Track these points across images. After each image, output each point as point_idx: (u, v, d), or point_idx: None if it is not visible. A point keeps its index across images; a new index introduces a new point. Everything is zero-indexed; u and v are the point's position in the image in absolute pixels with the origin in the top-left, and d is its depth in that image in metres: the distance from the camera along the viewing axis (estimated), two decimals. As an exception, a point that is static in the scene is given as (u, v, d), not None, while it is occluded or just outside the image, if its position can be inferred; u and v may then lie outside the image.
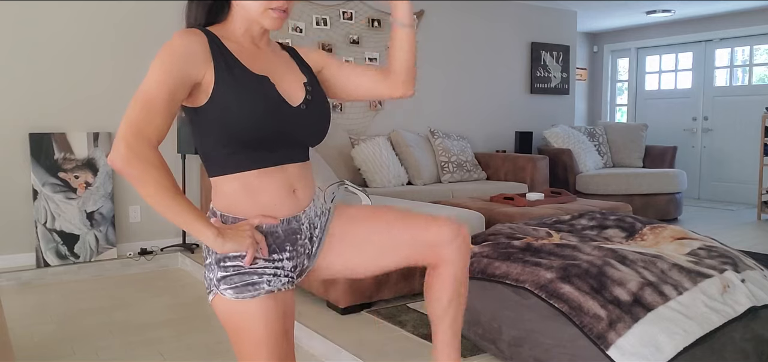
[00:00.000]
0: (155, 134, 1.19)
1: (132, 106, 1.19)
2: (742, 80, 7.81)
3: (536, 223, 3.37)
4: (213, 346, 2.99)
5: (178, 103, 1.24)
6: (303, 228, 1.41)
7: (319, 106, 1.41)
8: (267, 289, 1.32)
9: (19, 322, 3.35)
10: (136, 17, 4.72)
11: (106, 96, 4.63)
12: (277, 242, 1.36)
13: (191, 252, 4.70)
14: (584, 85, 9.26)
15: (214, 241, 1.25)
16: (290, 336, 1.39)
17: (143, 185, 1.17)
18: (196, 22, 1.38)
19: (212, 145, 1.32)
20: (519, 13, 7.11)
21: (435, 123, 6.43)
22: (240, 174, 1.32)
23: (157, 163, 1.17)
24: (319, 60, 1.53)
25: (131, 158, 1.15)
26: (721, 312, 2.25)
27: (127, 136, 1.15)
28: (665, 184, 6.30)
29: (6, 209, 4.33)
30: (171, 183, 1.19)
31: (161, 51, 1.24)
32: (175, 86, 1.22)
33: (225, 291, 1.31)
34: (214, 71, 1.27)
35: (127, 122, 1.17)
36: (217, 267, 1.32)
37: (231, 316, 1.33)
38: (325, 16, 5.67)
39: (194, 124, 1.33)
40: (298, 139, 1.38)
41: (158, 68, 1.21)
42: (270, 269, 1.34)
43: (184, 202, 1.21)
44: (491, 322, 2.55)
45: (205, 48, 1.27)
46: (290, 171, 1.37)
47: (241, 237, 1.27)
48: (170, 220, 1.21)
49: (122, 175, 1.16)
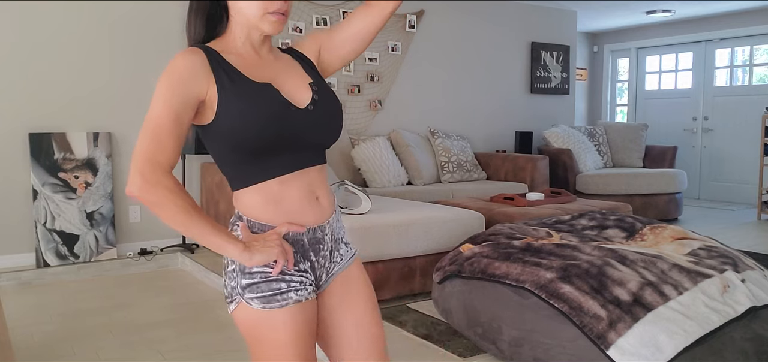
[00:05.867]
0: (167, 159, 1.21)
1: (142, 136, 1.21)
2: (742, 80, 7.81)
3: (536, 223, 3.36)
4: (213, 346, 2.99)
5: (186, 124, 1.24)
6: (326, 239, 1.39)
7: (328, 105, 1.39)
8: (295, 299, 1.30)
9: (19, 322, 3.35)
10: (135, 17, 4.72)
11: (105, 96, 4.63)
12: (301, 250, 1.35)
13: (191, 252, 4.70)
14: (584, 85, 9.26)
15: (241, 255, 1.24)
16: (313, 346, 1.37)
17: (162, 210, 1.19)
18: (197, 36, 1.37)
19: (227, 159, 1.32)
20: (519, 13, 7.11)
21: (435, 123, 6.43)
22: (261, 184, 1.31)
23: (173, 187, 1.19)
24: (313, 46, 1.50)
25: (147, 187, 1.17)
26: (721, 312, 2.25)
27: (141, 166, 1.18)
28: (665, 184, 6.30)
29: (6, 209, 4.33)
30: (190, 204, 1.20)
31: (163, 75, 1.24)
32: (180, 108, 1.22)
33: (251, 300, 1.29)
34: (216, 86, 1.27)
35: (139, 152, 1.19)
36: (241, 275, 1.30)
37: (255, 326, 1.30)
38: (325, 16, 5.67)
39: (208, 143, 1.34)
40: (311, 140, 1.36)
41: (162, 93, 1.22)
42: (297, 278, 1.32)
43: (205, 220, 1.22)
44: (491, 322, 2.55)
45: (204, 65, 1.27)
46: (310, 175, 1.36)
47: (269, 248, 1.26)
48: (194, 240, 1.22)
49: (142, 202, 1.19)
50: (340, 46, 1.50)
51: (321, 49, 1.50)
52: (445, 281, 2.88)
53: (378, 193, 5.06)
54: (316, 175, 1.38)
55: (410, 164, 5.70)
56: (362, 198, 3.71)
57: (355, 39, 1.49)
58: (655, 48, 8.67)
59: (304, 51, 1.50)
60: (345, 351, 1.45)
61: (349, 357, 1.44)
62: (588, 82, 9.31)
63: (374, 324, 1.47)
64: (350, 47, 1.50)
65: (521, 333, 2.42)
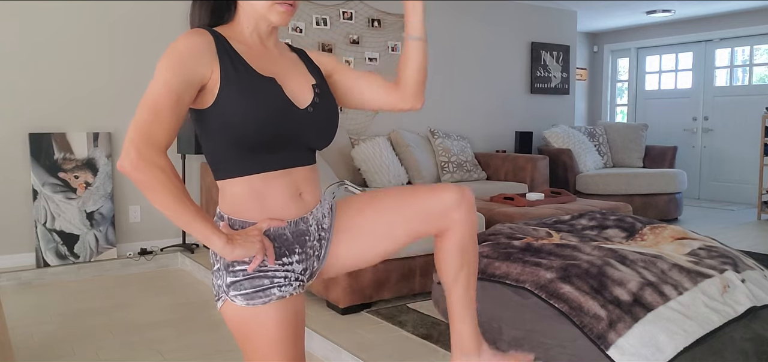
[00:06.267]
0: (164, 138, 1.18)
1: (139, 111, 1.18)
2: (742, 80, 7.81)
3: (536, 223, 3.36)
4: (213, 346, 2.99)
5: (186, 104, 1.22)
6: (311, 229, 1.39)
7: (327, 109, 1.40)
8: (278, 295, 1.31)
9: (19, 322, 3.35)
10: (135, 17, 4.72)
11: (105, 96, 4.63)
12: (285, 244, 1.34)
13: (191, 252, 4.70)
14: (584, 85, 9.26)
15: (223, 248, 1.24)
16: (301, 341, 1.37)
17: (152, 190, 1.16)
18: (200, 24, 1.36)
19: (218, 148, 1.31)
20: (519, 13, 7.11)
21: (435, 123, 6.43)
22: (246, 177, 1.31)
23: (166, 168, 1.17)
24: (328, 64, 1.51)
25: (141, 163, 1.14)
26: (721, 312, 2.25)
27: (136, 140, 1.15)
28: (665, 184, 6.30)
29: (6, 209, 4.33)
30: (180, 189, 1.18)
31: (166, 52, 1.22)
32: (181, 88, 1.20)
33: (235, 297, 1.30)
34: (220, 71, 1.25)
35: (135, 127, 1.16)
36: (226, 273, 1.31)
37: (241, 323, 1.31)
38: (325, 16, 5.67)
39: (200, 127, 1.32)
40: (305, 141, 1.36)
41: (164, 70, 1.20)
42: (280, 273, 1.32)
43: (193, 208, 1.20)
44: (491, 322, 2.55)
45: (211, 47, 1.26)
46: (297, 174, 1.36)
47: (250, 243, 1.26)
48: (179, 226, 1.21)
49: (132, 180, 1.16)
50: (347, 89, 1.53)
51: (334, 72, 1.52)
52: (445, 281, 2.88)
53: (378, 193, 5.06)
54: (303, 174, 1.38)
55: (410, 164, 5.71)
56: (362, 198, 3.71)
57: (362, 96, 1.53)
58: (655, 48, 8.67)
59: (315, 60, 1.50)
60: (381, 234, 1.48)
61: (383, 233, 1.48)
62: (588, 82, 9.31)
63: (389, 207, 1.50)
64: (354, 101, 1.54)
65: (521, 333, 2.42)
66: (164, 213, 1.19)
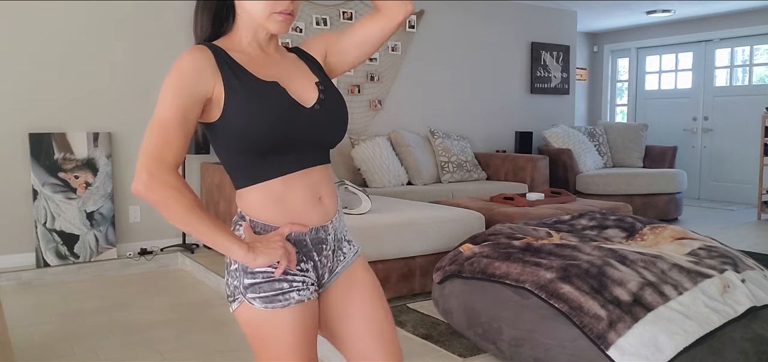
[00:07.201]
0: (173, 157, 1.21)
1: (148, 134, 1.20)
2: (742, 80, 7.81)
3: (536, 223, 3.36)
4: (213, 346, 2.99)
5: (193, 122, 1.24)
6: (329, 239, 1.39)
7: (334, 105, 1.39)
8: (297, 299, 1.31)
9: (19, 322, 3.35)
10: (136, 17, 4.72)
11: (105, 96, 4.63)
12: (304, 250, 1.35)
13: (191, 252, 4.70)
14: (584, 85, 9.26)
15: (245, 257, 1.24)
16: (314, 345, 1.37)
17: (167, 209, 1.19)
18: (203, 33, 1.37)
19: (232, 157, 1.32)
20: (519, 13, 7.11)
21: (435, 123, 6.43)
22: (264, 183, 1.31)
23: (179, 186, 1.19)
24: (320, 47, 1.50)
25: (154, 184, 1.17)
26: (721, 312, 2.25)
27: (148, 163, 1.18)
28: (665, 184, 6.30)
29: (6, 209, 4.33)
30: (195, 203, 1.20)
31: (169, 73, 1.24)
32: (187, 106, 1.22)
33: (253, 299, 1.29)
34: (223, 84, 1.27)
35: (145, 150, 1.19)
36: (243, 274, 1.30)
37: (258, 325, 1.31)
38: (325, 16, 5.67)
39: (213, 139, 1.34)
40: (316, 140, 1.36)
41: (169, 91, 1.22)
42: (299, 277, 1.32)
43: (210, 220, 1.22)
44: (491, 322, 2.55)
45: (211, 62, 1.27)
46: (314, 175, 1.36)
47: (273, 249, 1.26)
48: (198, 239, 1.22)
49: (146, 201, 1.19)
50: (346, 51, 1.50)
51: (327, 52, 1.50)
52: (445, 281, 2.88)
53: (378, 193, 5.06)
54: (320, 175, 1.38)
55: (410, 164, 5.71)
56: (362, 199, 3.71)
57: (362, 45, 1.49)
58: (655, 48, 8.67)
59: (310, 51, 1.50)
60: (358, 349, 1.45)
61: (364, 355, 1.45)
62: (588, 82, 9.31)
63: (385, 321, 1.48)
64: (357, 53, 1.50)
65: (521, 333, 2.42)
66: (182, 229, 1.21)
